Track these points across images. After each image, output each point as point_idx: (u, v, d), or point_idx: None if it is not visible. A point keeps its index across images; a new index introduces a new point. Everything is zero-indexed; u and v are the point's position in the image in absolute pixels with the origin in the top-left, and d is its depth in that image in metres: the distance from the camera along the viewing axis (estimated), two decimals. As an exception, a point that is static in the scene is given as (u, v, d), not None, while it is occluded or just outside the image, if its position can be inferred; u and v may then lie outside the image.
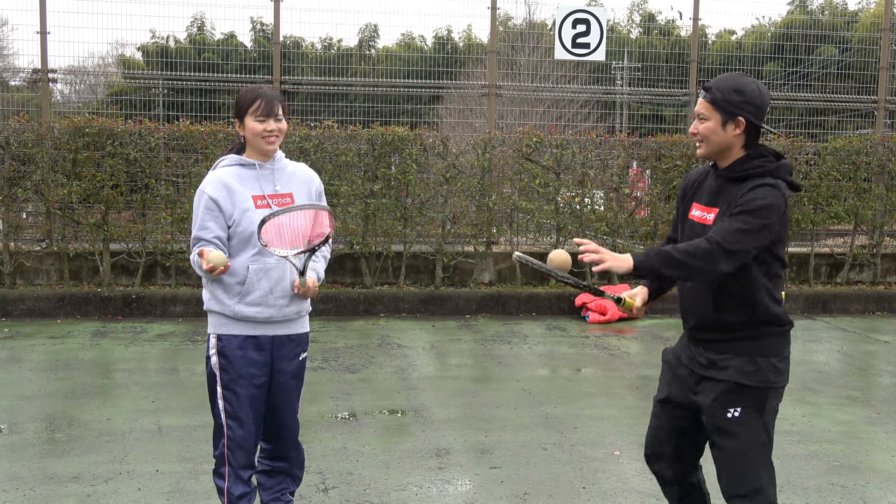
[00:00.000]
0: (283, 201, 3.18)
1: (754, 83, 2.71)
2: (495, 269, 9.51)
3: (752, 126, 2.71)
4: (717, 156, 2.77)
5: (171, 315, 8.40)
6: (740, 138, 2.72)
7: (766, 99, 2.71)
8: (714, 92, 2.70)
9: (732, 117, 2.68)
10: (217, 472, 3.26)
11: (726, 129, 2.70)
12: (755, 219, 2.62)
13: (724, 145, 2.73)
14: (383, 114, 11.42)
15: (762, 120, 2.73)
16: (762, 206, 2.62)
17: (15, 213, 8.74)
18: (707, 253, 2.61)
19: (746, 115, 2.68)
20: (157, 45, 14.30)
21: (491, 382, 6.16)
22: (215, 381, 3.21)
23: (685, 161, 9.39)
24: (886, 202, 9.94)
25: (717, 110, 2.70)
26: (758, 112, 2.70)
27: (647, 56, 12.31)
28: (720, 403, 2.77)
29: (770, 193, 2.64)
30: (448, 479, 4.25)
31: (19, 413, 5.21)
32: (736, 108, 2.68)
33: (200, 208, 3.18)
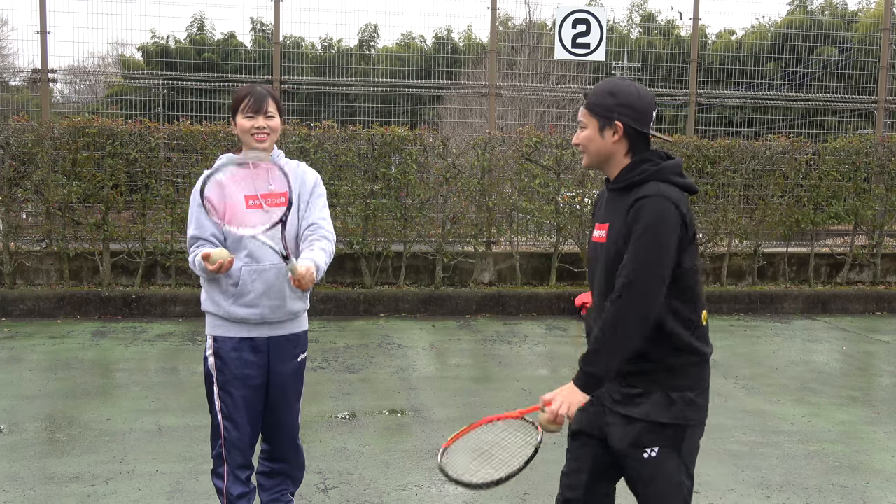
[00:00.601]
0: (277, 201, 3.11)
1: (634, 86, 2.49)
2: (495, 269, 9.51)
3: (632, 131, 2.47)
4: (603, 166, 2.54)
5: (171, 315, 8.40)
6: (621, 145, 2.48)
7: (646, 101, 2.47)
8: (589, 97, 2.51)
9: (608, 122, 2.46)
10: (215, 473, 3.26)
11: (604, 136, 2.48)
12: (649, 244, 2.33)
13: (604, 153, 2.51)
14: (383, 114, 11.42)
15: (646, 125, 2.47)
16: (650, 227, 2.34)
17: (15, 213, 8.74)
18: (618, 315, 2.33)
19: (623, 118, 2.45)
20: (157, 45, 14.30)
21: (491, 382, 6.16)
22: (212, 381, 3.21)
23: (685, 161, 9.39)
24: (886, 202, 9.94)
25: (592, 116, 2.49)
26: (637, 115, 2.46)
27: (647, 56, 12.31)
28: (634, 443, 2.48)
29: (655, 206, 2.35)
30: (448, 479, 4.25)
31: (19, 413, 5.21)
32: (610, 111, 2.46)
33: (194, 207, 3.15)
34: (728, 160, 9.57)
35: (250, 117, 3.12)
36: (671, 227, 2.35)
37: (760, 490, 4.17)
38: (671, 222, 2.35)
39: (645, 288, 2.33)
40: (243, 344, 3.17)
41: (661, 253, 2.33)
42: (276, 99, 3.19)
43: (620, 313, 2.33)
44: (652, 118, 2.48)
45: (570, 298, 8.89)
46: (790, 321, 8.93)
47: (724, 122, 14.08)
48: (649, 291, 2.33)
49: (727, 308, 9.30)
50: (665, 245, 2.34)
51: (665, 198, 2.36)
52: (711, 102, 12.14)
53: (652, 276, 2.33)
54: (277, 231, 2.93)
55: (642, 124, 2.46)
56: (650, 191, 2.38)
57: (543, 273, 9.53)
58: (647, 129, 2.46)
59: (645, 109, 2.47)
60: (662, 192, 2.37)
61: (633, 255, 2.34)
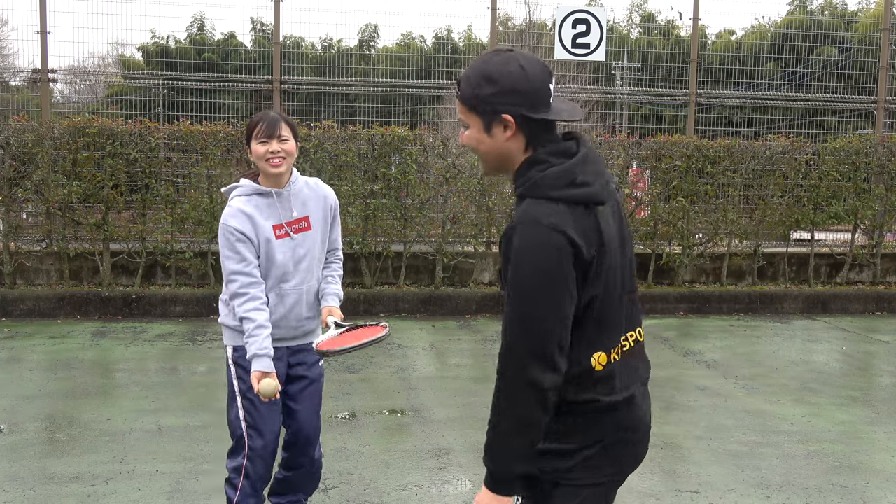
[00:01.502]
0: (301, 226, 3.18)
1: (514, 61, 1.85)
2: (495, 269, 9.51)
3: (527, 120, 1.86)
4: (505, 170, 1.95)
5: (171, 315, 8.40)
6: (518, 140, 1.88)
7: (535, 78, 1.85)
8: (462, 87, 1.90)
9: (493, 117, 1.86)
10: (230, 483, 3.25)
11: (493, 134, 1.88)
12: (524, 292, 1.79)
13: (500, 155, 1.91)
14: (383, 114, 11.42)
15: (542, 106, 1.85)
16: (520, 267, 1.78)
17: (15, 213, 8.74)
18: (506, 392, 1.84)
19: (511, 108, 1.84)
20: (157, 45, 14.31)
21: (491, 382, 6.13)
22: (234, 392, 3.21)
23: (685, 161, 9.40)
24: (886, 202, 9.95)
25: (471, 111, 1.89)
26: (528, 99, 1.84)
27: (647, 56, 12.31)
28: None
29: (523, 238, 1.78)
30: (448, 479, 4.25)
31: (19, 413, 5.21)
32: (490, 103, 1.85)
33: (232, 242, 3.08)
34: (728, 160, 9.57)
35: (264, 142, 3.10)
36: (552, 262, 1.77)
37: (760, 490, 4.17)
38: (551, 256, 1.77)
39: (531, 350, 1.78)
40: None
41: (545, 298, 1.78)
42: (289, 123, 3.18)
43: (508, 390, 1.83)
44: (550, 93, 1.87)
45: (570, 298, 8.88)
46: (790, 321, 8.93)
47: (724, 122, 14.09)
48: (538, 352, 1.78)
49: (727, 308, 9.30)
50: (548, 288, 1.78)
51: (536, 224, 1.78)
52: (711, 102, 12.14)
53: (536, 332, 1.78)
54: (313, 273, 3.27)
55: (537, 108, 1.85)
56: (518, 216, 1.83)
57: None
58: (545, 113, 1.85)
59: (536, 89, 1.85)
60: (532, 217, 1.79)
61: (509, 308, 1.81)
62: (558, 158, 1.86)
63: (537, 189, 1.83)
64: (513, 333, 1.80)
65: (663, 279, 9.72)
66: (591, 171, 1.87)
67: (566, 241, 1.78)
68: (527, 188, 1.85)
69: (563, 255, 1.78)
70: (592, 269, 1.83)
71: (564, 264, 1.78)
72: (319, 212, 3.27)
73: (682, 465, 4.50)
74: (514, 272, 1.79)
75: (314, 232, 3.23)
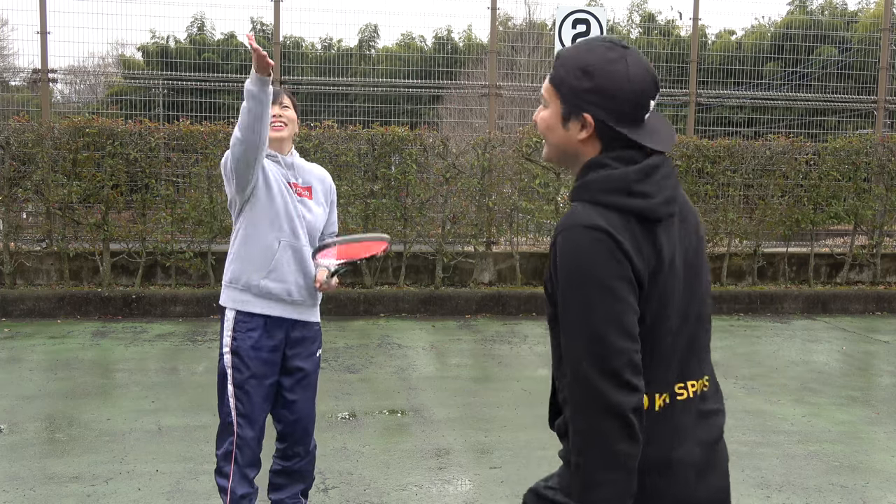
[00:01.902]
0: (304, 193, 3.32)
1: (623, 62, 1.65)
2: (495, 269, 9.51)
3: (609, 130, 1.67)
4: (567, 166, 1.78)
5: (171, 315, 8.40)
6: (591, 145, 1.70)
7: (635, 89, 1.65)
8: (557, 66, 1.71)
9: (575, 112, 1.68)
10: (220, 471, 3.27)
11: (568, 127, 1.70)
12: (579, 307, 1.57)
13: (566, 151, 1.74)
14: (383, 114, 11.42)
15: (631, 122, 1.66)
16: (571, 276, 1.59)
17: (15, 213, 8.74)
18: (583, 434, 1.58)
19: (596, 111, 1.66)
20: (157, 45, 14.30)
21: (491, 382, 6.16)
22: (226, 379, 3.23)
23: (685, 161, 9.40)
24: (886, 202, 9.95)
25: (557, 95, 1.70)
26: (618, 109, 1.65)
27: (648, 56, 12.28)
28: None
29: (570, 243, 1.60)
30: (448, 479, 4.25)
31: (19, 413, 5.21)
32: (580, 98, 1.67)
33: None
34: (728, 160, 9.57)
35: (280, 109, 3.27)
36: (603, 266, 1.57)
37: (760, 490, 4.17)
38: (601, 258, 1.57)
39: (598, 370, 1.55)
40: (262, 341, 3.21)
41: (601, 308, 1.56)
42: (290, 95, 3.36)
43: (584, 422, 1.58)
44: (646, 109, 1.68)
45: (570, 298, 8.88)
46: (790, 321, 8.93)
47: (724, 122, 14.10)
48: (606, 370, 1.55)
49: (727, 308, 9.30)
50: (601, 296, 1.56)
51: (580, 226, 1.60)
52: (711, 102, 12.15)
53: (598, 349, 1.55)
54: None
55: (624, 121, 1.66)
56: (564, 221, 1.64)
57: (543, 273, 9.52)
58: (630, 130, 1.66)
59: (633, 102, 1.66)
60: (577, 220, 1.61)
61: (564, 326, 1.60)
62: (618, 163, 1.67)
63: (587, 192, 1.67)
64: (573, 355, 1.58)
65: (663, 279, 9.71)
66: (654, 184, 1.65)
67: (614, 244, 1.58)
68: (577, 190, 1.69)
69: (615, 258, 1.58)
70: (643, 288, 1.61)
71: (617, 268, 1.58)
72: (319, 186, 3.44)
73: (682, 465, 4.49)
74: (563, 283, 1.60)
75: (315, 203, 3.38)
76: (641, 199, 1.64)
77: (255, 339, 3.20)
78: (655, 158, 1.69)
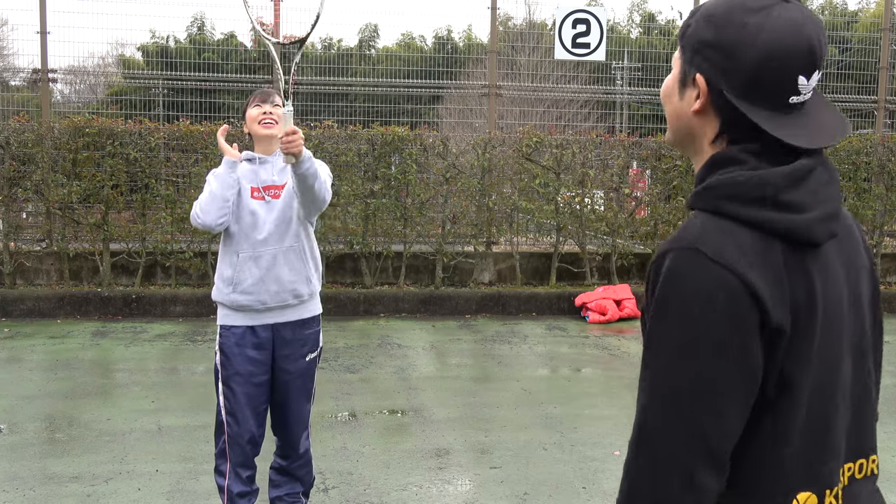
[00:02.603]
0: (277, 192, 3.25)
1: (764, 13, 1.19)
2: (495, 269, 9.51)
3: (726, 103, 1.22)
4: (687, 150, 1.35)
5: (171, 315, 8.40)
6: (707, 122, 1.27)
7: (772, 51, 1.18)
8: (690, 15, 1.30)
9: (692, 72, 1.26)
10: (217, 470, 3.29)
11: (683, 95, 1.29)
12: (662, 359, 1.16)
13: (679, 128, 1.33)
14: (383, 114, 11.43)
15: (765, 98, 1.20)
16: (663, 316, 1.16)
17: (15, 213, 8.74)
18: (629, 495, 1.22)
19: (709, 71, 1.23)
20: (157, 45, 14.31)
21: (491, 382, 6.16)
22: (217, 376, 3.26)
23: (685, 161, 9.39)
24: (886, 202, 9.94)
25: (680, 50, 1.30)
26: (742, 76, 1.20)
27: (647, 56, 12.32)
28: None
29: (674, 273, 1.16)
30: (448, 479, 4.25)
31: (19, 413, 5.21)
32: (697, 52, 1.25)
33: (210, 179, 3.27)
34: (728, 160, 9.55)
35: (258, 106, 3.29)
36: (718, 320, 1.12)
37: (760, 490, 4.17)
38: (718, 309, 1.12)
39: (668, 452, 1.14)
40: (246, 338, 3.21)
41: (699, 375, 1.13)
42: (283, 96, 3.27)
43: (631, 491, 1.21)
44: (790, 88, 1.20)
45: (570, 298, 8.89)
46: (790, 321, 8.92)
47: (724, 122, 14.08)
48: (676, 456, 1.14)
49: (727, 308, 9.29)
50: (705, 359, 1.12)
51: (696, 254, 1.15)
52: (711, 102, 12.14)
53: (677, 427, 1.13)
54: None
55: (751, 96, 1.20)
56: (679, 237, 1.20)
57: (543, 273, 9.53)
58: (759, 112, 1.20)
59: (764, 71, 1.19)
60: (694, 240, 1.17)
61: (644, 374, 1.20)
62: (757, 161, 1.21)
63: (710, 198, 1.21)
64: (644, 421, 1.17)
65: (663, 279, 9.71)
66: (810, 193, 1.19)
67: (743, 289, 1.12)
68: (699, 196, 1.23)
69: (735, 311, 1.12)
70: (783, 344, 1.15)
71: (737, 325, 1.12)
72: None
73: (682, 465, 4.50)
74: (657, 320, 1.17)
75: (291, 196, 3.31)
76: (792, 214, 1.18)
77: (239, 336, 3.23)
78: (810, 160, 1.21)
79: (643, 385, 1.18)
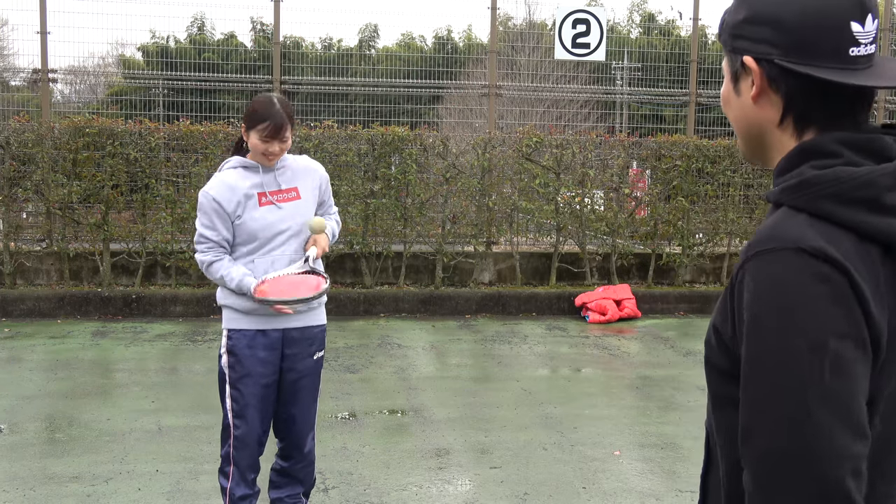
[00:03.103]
0: (289, 196, 3.24)
1: None
2: (495, 269, 9.51)
3: (787, 76, 1.12)
4: (760, 157, 1.25)
5: (171, 315, 8.40)
6: (768, 107, 1.16)
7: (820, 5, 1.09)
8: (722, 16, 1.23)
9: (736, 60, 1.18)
10: (221, 471, 3.28)
11: (739, 91, 1.20)
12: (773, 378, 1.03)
13: (749, 131, 1.22)
14: (383, 114, 11.43)
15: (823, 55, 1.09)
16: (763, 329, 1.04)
17: (15, 213, 8.74)
18: None
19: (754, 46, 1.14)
20: (157, 45, 14.32)
21: (491, 382, 6.16)
22: (224, 379, 3.23)
23: (685, 161, 9.40)
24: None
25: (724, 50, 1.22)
26: (792, 36, 1.10)
27: (647, 56, 12.32)
28: None
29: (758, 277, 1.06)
30: (448, 479, 4.25)
31: (19, 413, 5.21)
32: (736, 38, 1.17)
33: (206, 209, 3.17)
34: (728, 160, 9.57)
35: (266, 141, 3.17)
36: (826, 314, 1.02)
37: (760, 490, 4.17)
38: (824, 304, 1.02)
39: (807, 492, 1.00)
40: (257, 340, 3.21)
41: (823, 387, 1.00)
42: (291, 120, 3.25)
43: None
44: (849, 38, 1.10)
45: (570, 298, 8.89)
46: (790, 321, 8.92)
47: (724, 122, 14.07)
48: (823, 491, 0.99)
49: (727, 308, 9.29)
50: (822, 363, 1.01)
51: (796, 251, 1.04)
52: (711, 102, 12.14)
53: (813, 454, 1.00)
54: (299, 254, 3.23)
55: (807, 55, 1.10)
56: (763, 236, 1.08)
57: (543, 273, 9.53)
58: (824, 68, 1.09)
59: (815, 23, 1.10)
60: (790, 240, 1.05)
61: (751, 407, 1.05)
62: (859, 156, 1.10)
63: (809, 196, 1.08)
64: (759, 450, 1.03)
65: (663, 279, 9.72)
66: None
67: (847, 283, 1.02)
68: (792, 190, 1.10)
69: (845, 306, 1.02)
70: (882, 354, 1.05)
71: (848, 321, 1.02)
72: (308, 182, 3.34)
73: (682, 465, 4.50)
74: (752, 336, 1.05)
75: (304, 201, 3.29)
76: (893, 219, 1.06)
77: (251, 338, 3.21)
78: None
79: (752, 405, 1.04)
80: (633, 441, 4.84)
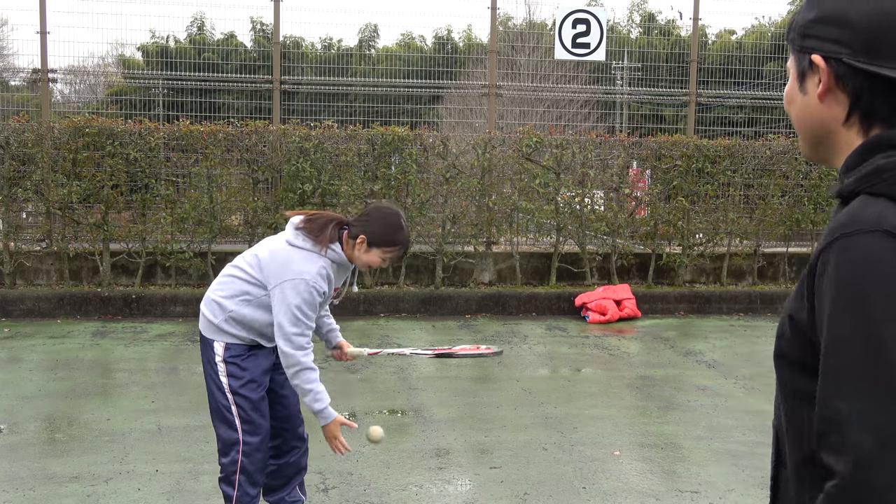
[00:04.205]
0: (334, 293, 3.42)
1: None
2: (495, 269, 9.51)
3: (857, 75, 1.14)
4: (822, 153, 1.27)
5: (171, 315, 8.40)
6: (835, 106, 1.19)
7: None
8: (793, 17, 1.27)
9: (804, 59, 1.21)
10: (227, 480, 3.25)
11: (805, 89, 1.22)
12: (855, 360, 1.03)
13: (813, 130, 1.24)
14: (383, 114, 11.43)
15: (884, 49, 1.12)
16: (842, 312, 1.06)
17: (15, 213, 8.74)
18: None
19: (822, 44, 1.17)
20: (157, 45, 14.31)
21: (491, 382, 6.16)
22: (223, 390, 3.22)
23: (685, 161, 9.40)
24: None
25: (792, 51, 1.25)
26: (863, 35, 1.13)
27: (647, 56, 12.31)
28: None
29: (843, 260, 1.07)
30: (448, 479, 4.25)
31: (19, 413, 5.21)
32: (805, 37, 1.20)
33: (312, 303, 3.15)
34: (728, 160, 9.57)
35: (383, 258, 3.27)
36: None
37: (760, 490, 4.17)
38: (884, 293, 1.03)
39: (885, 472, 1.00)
40: (253, 349, 3.29)
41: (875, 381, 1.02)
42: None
43: None
44: None
45: (570, 298, 8.89)
46: (790, 321, 8.92)
47: (724, 122, 14.10)
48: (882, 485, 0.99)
49: (727, 308, 9.30)
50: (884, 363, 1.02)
51: (882, 233, 1.06)
52: (711, 102, 12.15)
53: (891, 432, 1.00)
54: None
55: (878, 54, 1.13)
56: (844, 221, 1.11)
57: (543, 273, 9.53)
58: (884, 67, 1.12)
59: (884, 17, 1.12)
60: (874, 222, 1.07)
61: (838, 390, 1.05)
62: None
63: (883, 180, 1.10)
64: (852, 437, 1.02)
65: (663, 279, 9.72)
66: None
67: None
68: (863, 178, 1.13)
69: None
70: None
71: None
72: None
73: (682, 465, 4.50)
74: (838, 317, 1.06)
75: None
76: None
77: (247, 348, 3.28)
78: None
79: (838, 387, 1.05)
80: (633, 441, 4.84)
